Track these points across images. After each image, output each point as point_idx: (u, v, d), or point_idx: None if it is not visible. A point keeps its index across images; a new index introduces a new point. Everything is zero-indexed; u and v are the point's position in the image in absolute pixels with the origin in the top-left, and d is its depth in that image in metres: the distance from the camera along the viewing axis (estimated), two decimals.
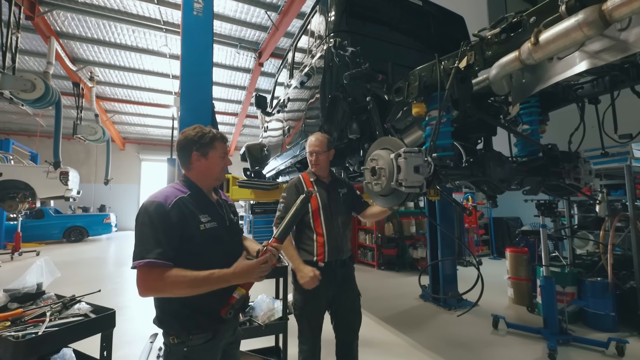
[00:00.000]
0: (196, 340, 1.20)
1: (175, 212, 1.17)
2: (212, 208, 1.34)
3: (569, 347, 2.99)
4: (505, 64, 1.29)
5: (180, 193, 1.25)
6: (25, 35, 7.08)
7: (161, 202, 1.17)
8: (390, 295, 4.76)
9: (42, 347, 1.50)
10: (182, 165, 1.35)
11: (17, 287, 1.88)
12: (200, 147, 1.30)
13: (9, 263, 7.03)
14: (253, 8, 7.02)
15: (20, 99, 5.09)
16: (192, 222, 1.21)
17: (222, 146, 1.36)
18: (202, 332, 1.21)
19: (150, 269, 1.08)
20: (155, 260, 1.07)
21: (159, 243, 1.10)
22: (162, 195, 1.21)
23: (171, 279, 1.08)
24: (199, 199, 1.30)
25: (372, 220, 2.18)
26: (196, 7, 2.85)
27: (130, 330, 3.29)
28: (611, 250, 3.46)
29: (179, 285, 1.10)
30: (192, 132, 1.32)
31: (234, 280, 1.19)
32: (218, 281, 1.15)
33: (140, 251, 1.09)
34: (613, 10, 0.90)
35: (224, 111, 12.36)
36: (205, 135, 1.31)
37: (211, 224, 1.27)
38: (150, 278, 1.08)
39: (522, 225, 7.62)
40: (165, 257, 1.09)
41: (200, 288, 1.13)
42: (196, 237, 1.21)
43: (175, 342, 1.19)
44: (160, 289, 1.11)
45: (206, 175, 1.35)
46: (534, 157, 2.04)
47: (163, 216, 1.15)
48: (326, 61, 2.46)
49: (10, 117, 11.62)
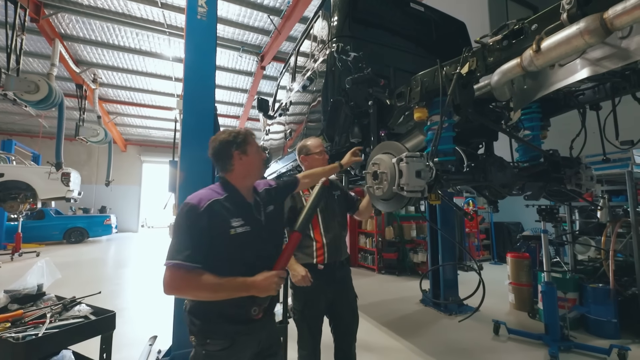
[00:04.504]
0: (213, 346, 1.20)
1: (207, 216, 1.19)
2: (247, 210, 1.34)
3: (571, 353, 2.97)
4: (507, 71, 1.30)
5: (216, 195, 1.26)
6: (30, 37, 7.12)
7: (194, 205, 1.20)
8: (390, 300, 4.74)
9: (42, 348, 1.50)
10: (221, 169, 1.36)
11: (18, 288, 1.88)
12: (239, 146, 1.33)
13: (9, 264, 7.02)
14: (256, 12, 7.07)
15: (23, 100, 5.12)
16: (223, 226, 1.23)
17: (255, 141, 1.40)
18: (219, 338, 1.21)
19: (176, 270, 1.12)
20: (182, 262, 1.11)
21: (188, 245, 1.14)
22: (197, 197, 1.23)
23: (194, 282, 1.12)
24: (235, 201, 1.31)
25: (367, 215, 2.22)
26: (200, 11, 2.88)
27: (129, 333, 3.26)
28: (613, 257, 3.44)
29: (200, 288, 1.13)
30: (224, 135, 1.34)
31: (253, 290, 1.18)
32: (238, 289, 1.17)
33: (171, 252, 1.14)
34: (614, 19, 0.91)
35: (225, 114, 12.40)
36: (239, 134, 1.35)
37: (243, 228, 1.26)
38: (175, 278, 1.12)
39: (523, 231, 7.61)
40: (193, 260, 1.12)
41: (219, 293, 1.16)
42: (226, 241, 1.22)
43: (195, 343, 1.22)
44: (183, 289, 1.16)
45: (248, 173, 1.37)
46: (536, 162, 2.04)
47: (194, 219, 1.18)
48: (328, 65, 2.47)
49: (13, 118, 11.68)
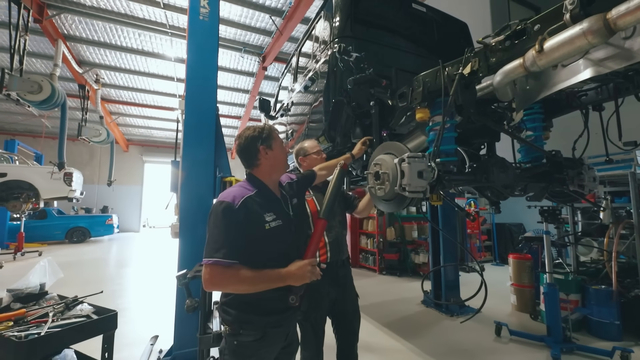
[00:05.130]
0: (246, 337, 1.25)
1: (243, 212, 1.24)
2: (277, 205, 1.39)
3: (573, 355, 2.96)
4: (509, 71, 1.29)
5: (247, 192, 1.31)
6: (33, 37, 7.18)
7: (230, 203, 1.24)
8: (391, 301, 4.73)
9: (44, 347, 1.50)
10: (248, 165, 1.41)
11: (21, 287, 1.89)
12: (264, 141, 1.37)
13: (12, 263, 7.05)
14: (258, 13, 7.09)
15: (26, 101, 5.13)
16: (258, 222, 1.28)
17: (278, 136, 1.44)
18: (252, 329, 1.25)
19: (215, 267, 1.16)
20: (220, 260, 1.15)
21: (225, 243, 1.18)
22: (231, 195, 1.27)
23: (233, 277, 1.17)
24: (265, 196, 1.36)
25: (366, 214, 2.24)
26: (202, 12, 2.89)
27: (130, 332, 3.27)
28: (615, 258, 3.42)
29: (239, 282, 1.19)
30: (249, 131, 1.39)
31: (289, 280, 1.23)
32: (275, 280, 1.21)
33: (209, 250, 1.18)
34: (618, 19, 0.91)
35: (227, 114, 12.44)
36: (263, 130, 1.39)
37: (276, 222, 1.32)
38: (215, 274, 1.17)
39: (525, 232, 7.57)
40: (230, 256, 1.17)
41: (258, 286, 1.20)
42: (261, 236, 1.27)
43: (228, 333, 1.27)
44: (223, 284, 1.21)
45: (274, 167, 1.41)
46: (538, 163, 2.04)
47: (230, 216, 1.22)
48: (330, 66, 2.48)
49: (16, 118, 11.74)
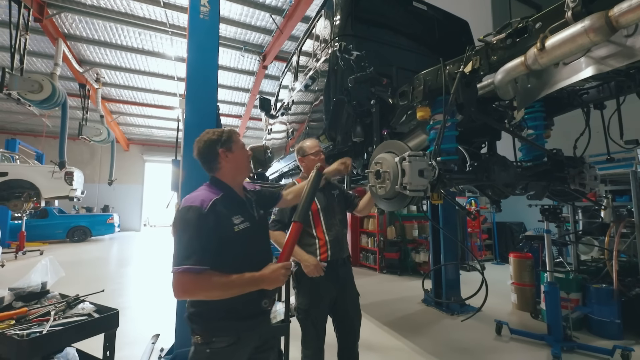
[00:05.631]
0: (219, 343, 1.21)
1: (212, 216, 1.21)
2: (244, 207, 1.38)
3: (573, 354, 2.96)
4: (510, 69, 1.29)
5: (214, 195, 1.28)
6: (33, 37, 7.16)
7: (198, 207, 1.20)
8: (392, 300, 4.73)
9: (46, 346, 1.50)
10: (209, 169, 1.38)
11: (22, 286, 1.89)
12: (224, 144, 1.34)
13: (13, 262, 7.08)
14: (258, 12, 7.07)
15: (27, 100, 5.13)
16: (227, 225, 1.25)
17: (239, 138, 1.42)
18: (225, 335, 1.22)
19: (186, 275, 1.12)
20: (191, 267, 1.11)
21: (195, 248, 1.14)
22: (198, 199, 1.24)
23: (205, 284, 1.13)
24: (231, 199, 1.34)
25: (366, 212, 2.25)
26: (202, 11, 2.88)
27: (131, 331, 3.28)
28: (616, 257, 3.42)
29: (211, 289, 1.15)
30: (208, 135, 1.36)
31: (263, 284, 1.21)
32: (248, 284, 1.19)
33: (178, 258, 1.13)
34: (620, 17, 0.90)
35: (227, 113, 12.43)
36: (222, 133, 1.36)
37: (244, 224, 1.30)
38: (185, 282, 1.12)
39: (525, 230, 7.57)
40: (201, 262, 1.13)
41: (231, 291, 1.17)
42: (231, 239, 1.25)
43: (200, 342, 1.22)
44: (195, 292, 1.16)
45: (236, 171, 1.39)
46: (539, 162, 2.03)
47: (200, 221, 1.18)
48: (331, 65, 2.47)
49: (17, 118, 11.76)
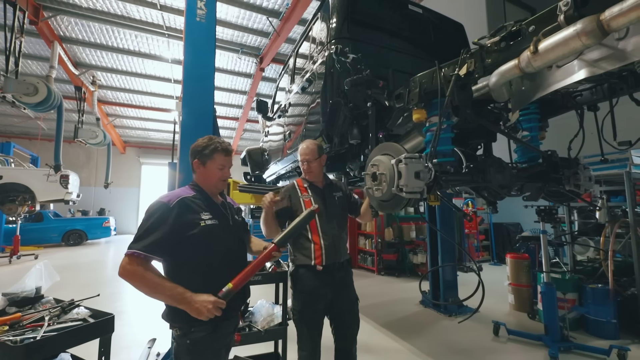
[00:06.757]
0: (198, 333, 1.28)
1: (176, 211, 1.31)
2: (215, 208, 1.46)
3: (570, 354, 2.97)
4: (504, 72, 1.30)
5: (185, 194, 1.40)
6: (28, 39, 7.12)
7: (164, 202, 1.32)
8: (390, 301, 4.74)
9: (40, 351, 1.48)
10: (192, 171, 1.52)
11: (16, 291, 1.87)
12: (201, 157, 1.45)
13: (7, 266, 6.99)
14: (255, 14, 7.08)
15: (22, 103, 5.10)
16: (193, 219, 1.34)
17: (222, 158, 1.47)
18: (203, 324, 1.26)
19: (131, 258, 1.21)
20: (136, 251, 1.20)
21: (148, 236, 1.24)
22: (167, 196, 1.37)
23: (138, 274, 1.20)
24: (203, 199, 1.44)
25: (369, 219, 2.23)
26: (199, 14, 2.88)
27: (128, 335, 3.25)
28: (612, 257, 3.45)
29: (140, 280, 1.21)
30: (200, 141, 1.48)
31: (187, 307, 1.21)
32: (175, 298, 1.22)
33: (132, 241, 1.24)
34: (611, 20, 0.92)
35: (224, 115, 12.40)
36: (207, 147, 1.45)
37: (212, 221, 1.38)
38: (125, 265, 1.21)
39: (522, 231, 7.62)
40: (148, 250, 1.22)
41: (156, 294, 1.22)
42: (196, 232, 1.33)
43: (179, 334, 1.30)
44: (129, 278, 1.21)
45: (206, 181, 1.49)
46: (534, 163, 2.05)
47: (162, 214, 1.29)
48: (327, 67, 2.48)
49: (12, 120, 11.65)
